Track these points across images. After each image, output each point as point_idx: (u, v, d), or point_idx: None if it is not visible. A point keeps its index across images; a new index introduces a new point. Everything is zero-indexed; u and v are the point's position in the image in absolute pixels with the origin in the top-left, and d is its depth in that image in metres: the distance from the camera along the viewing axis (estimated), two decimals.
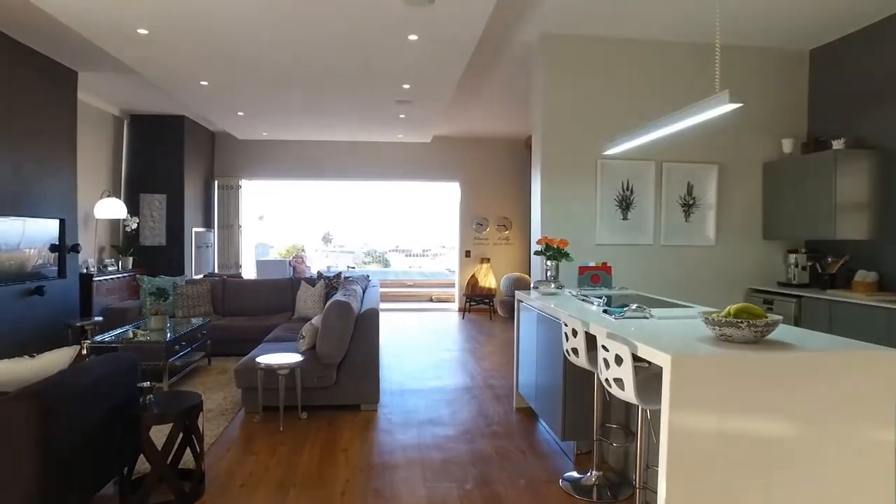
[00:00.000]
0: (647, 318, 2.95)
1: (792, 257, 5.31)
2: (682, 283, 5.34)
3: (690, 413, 2.03)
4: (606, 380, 2.51)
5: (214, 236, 9.93)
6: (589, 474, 3.17)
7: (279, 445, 3.70)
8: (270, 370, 4.06)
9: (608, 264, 4.58)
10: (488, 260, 10.22)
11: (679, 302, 3.68)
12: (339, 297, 4.70)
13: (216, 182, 9.88)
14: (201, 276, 8.58)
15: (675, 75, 5.28)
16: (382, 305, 11.39)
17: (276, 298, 7.11)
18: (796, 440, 2.09)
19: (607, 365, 2.49)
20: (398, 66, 5.47)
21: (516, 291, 4.46)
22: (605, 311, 3.09)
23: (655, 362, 2.15)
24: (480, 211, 10.46)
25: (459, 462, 3.48)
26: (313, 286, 6.82)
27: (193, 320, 5.79)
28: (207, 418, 4.10)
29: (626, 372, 2.34)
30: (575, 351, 2.98)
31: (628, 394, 2.35)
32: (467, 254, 10.45)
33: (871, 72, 4.93)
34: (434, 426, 4.14)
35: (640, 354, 2.26)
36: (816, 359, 2.12)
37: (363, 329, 4.48)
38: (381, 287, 13.62)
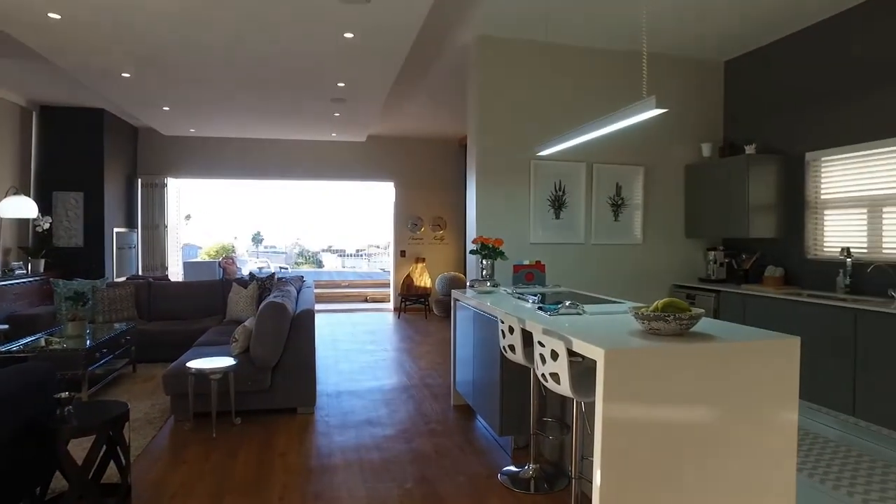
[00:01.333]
0: (580, 314, 3.05)
1: (711, 254, 5.64)
2: (611, 279, 5.56)
3: (623, 404, 2.12)
4: (543, 375, 2.58)
5: (138, 237, 9.45)
6: (526, 468, 3.25)
7: (212, 452, 3.58)
8: (202, 375, 3.91)
9: (542, 262, 4.70)
10: (423, 260, 10.25)
11: (610, 298, 3.83)
12: (273, 298, 4.59)
13: (140, 180, 9.40)
14: (124, 278, 8.13)
15: (604, 81, 5.49)
16: (317, 307, 11.22)
17: (207, 301, 6.85)
18: (718, 424, 2.24)
19: (543, 360, 2.56)
20: (333, 64, 5.40)
21: (453, 290, 4.51)
22: (539, 309, 3.18)
23: (590, 356, 2.23)
24: (415, 211, 10.47)
25: (398, 461, 3.48)
26: (245, 288, 6.62)
27: (116, 325, 5.49)
28: (133, 428, 3.90)
29: (562, 367, 2.41)
30: (512, 348, 3.04)
31: (564, 388, 2.43)
32: (402, 253, 10.44)
33: (777, 83, 5.31)
34: (372, 426, 4.12)
35: (575, 349, 2.35)
36: (733, 348, 2.27)
37: (298, 330, 4.40)
38: (315, 288, 13.41)
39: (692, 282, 5.69)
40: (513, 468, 3.34)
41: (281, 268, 16.48)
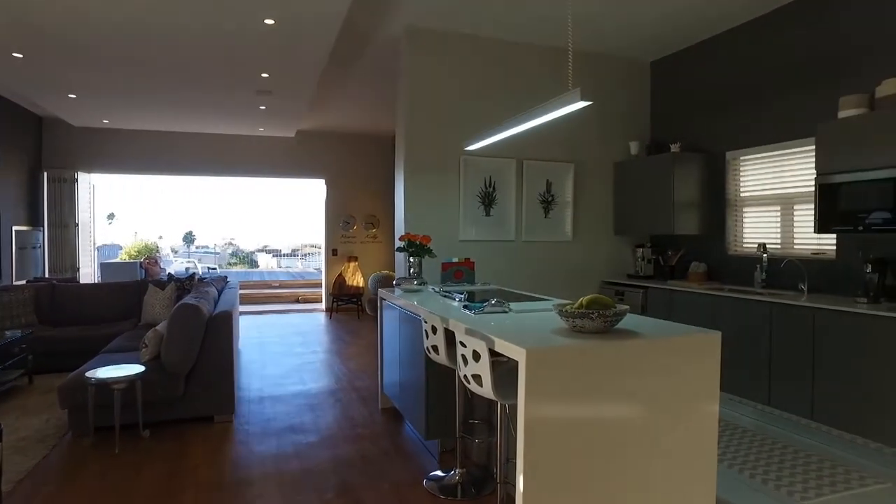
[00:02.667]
0: (506, 312, 2.97)
1: (639, 251, 5.73)
2: (542, 277, 5.56)
3: (546, 405, 2.04)
4: (465, 376, 2.47)
5: (44, 236, 8.74)
6: (453, 473, 3.14)
7: (112, 470, 3.28)
8: (104, 385, 3.58)
9: (471, 260, 4.62)
10: (356, 258, 10.02)
11: (538, 295, 3.78)
12: (188, 300, 4.29)
13: (45, 174, 8.69)
14: (24, 281, 7.48)
15: (535, 76, 5.47)
16: (246, 308, 10.80)
17: (120, 304, 6.39)
18: (642, 420, 2.20)
19: (466, 361, 2.46)
20: (254, 53, 5.12)
21: (379, 289, 4.35)
22: (465, 307, 3.08)
23: (512, 357, 2.14)
24: (347, 209, 10.22)
25: (320, 470, 3.30)
26: (162, 289, 6.22)
27: (8, 333, 5.00)
28: (20, 448, 3.53)
29: (484, 368, 2.31)
30: (435, 348, 2.93)
31: (486, 390, 2.33)
32: (334, 252, 10.17)
33: (700, 83, 5.45)
34: (295, 434, 3.91)
35: (497, 349, 2.25)
36: (656, 345, 2.24)
37: (215, 334, 4.13)
38: (246, 289, 12.92)
39: (621, 278, 5.76)
40: (439, 473, 3.22)
41: (209, 268, 15.77)
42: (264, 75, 5.82)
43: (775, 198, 4.76)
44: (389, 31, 5.13)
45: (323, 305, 10.57)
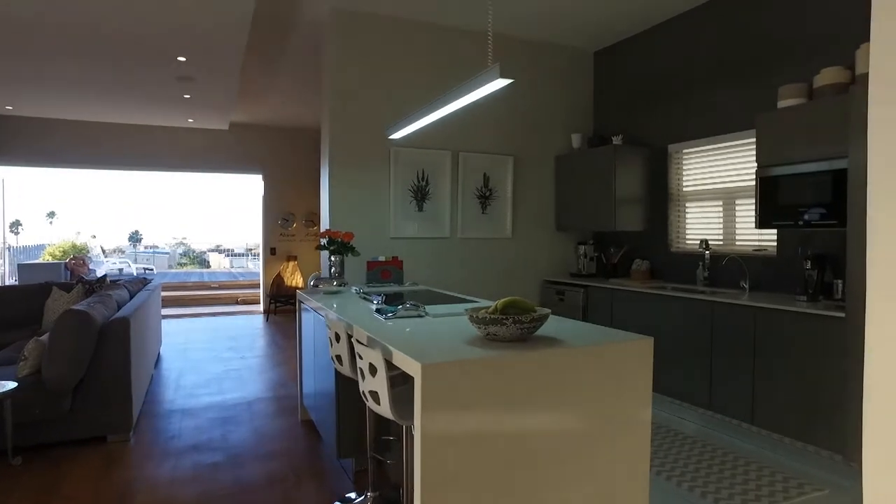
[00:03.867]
0: (421, 316, 2.66)
1: (581, 248, 5.51)
2: (479, 276, 5.27)
3: (447, 426, 1.74)
4: (363, 392, 2.14)
5: None
6: (364, 497, 2.81)
7: None
8: None
9: (399, 258, 4.29)
10: (295, 258, 9.55)
11: (468, 297, 3.48)
12: (78, 305, 3.81)
13: None
14: None
15: (466, 63, 5.17)
16: (180, 311, 10.17)
17: (20, 310, 5.78)
18: (565, 435, 1.92)
19: (363, 375, 2.13)
20: (167, 33, 4.65)
21: (298, 291, 3.98)
22: (377, 311, 2.75)
23: (408, 371, 1.82)
24: (286, 206, 9.74)
25: (218, 497, 2.91)
26: (68, 292, 5.66)
27: None
28: None
29: (381, 383, 1.99)
30: (339, 358, 2.58)
31: (384, 408, 2.01)
32: (272, 251, 9.68)
33: (642, 74, 5.26)
34: (199, 453, 3.50)
35: (395, 362, 1.93)
36: (581, 353, 1.97)
37: (109, 343, 3.67)
38: (183, 290, 12.24)
39: (563, 277, 5.53)
40: (353, 495, 2.88)
41: (146, 269, 14.94)
42: (181, 59, 5.34)
43: (717, 192, 4.60)
44: (314, 14, 4.75)
45: (261, 307, 10.06)
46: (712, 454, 3.45)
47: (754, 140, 4.00)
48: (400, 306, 2.71)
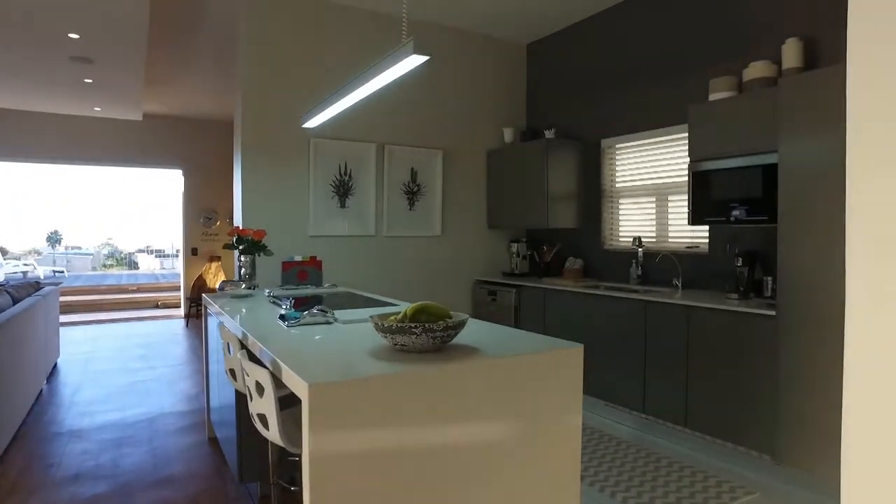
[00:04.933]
0: (329, 323, 2.36)
1: (514, 246, 5.33)
2: (407, 277, 4.99)
3: (342, 452, 1.46)
4: (252, 415, 1.83)
5: None
6: None
7: None
8: None
9: (318, 258, 3.96)
10: (218, 258, 8.99)
11: (389, 300, 3.21)
12: None
13: None
14: None
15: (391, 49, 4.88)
16: (92, 317, 9.38)
17: None
18: (484, 452, 1.68)
19: (251, 395, 1.81)
20: (53, 4, 4.13)
21: (203, 295, 3.59)
22: (280, 317, 2.43)
23: (296, 392, 1.53)
24: (209, 203, 9.16)
25: None
26: None
27: None
28: None
29: (269, 405, 1.68)
30: (233, 373, 2.25)
31: (273, 434, 1.70)
32: (194, 251, 9.08)
33: (575, 67, 5.13)
34: (79, 484, 3.06)
35: (283, 379, 1.63)
36: (502, 364, 1.73)
37: None
38: (96, 295, 11.35)
39: (496, 276, 5.33)
40: None
41: (55, 272, 13.81)
42: (73, 36, 4.79)
43: (651, 188, 4.51)
44: None
45: (182, 311, 9.43)
46: (646, 460, 3.31)
47: (687, 135, 3.91)
48: (306, 312, 2.40)
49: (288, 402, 2.07)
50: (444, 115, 5.16)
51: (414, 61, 2.24)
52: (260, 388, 1.72)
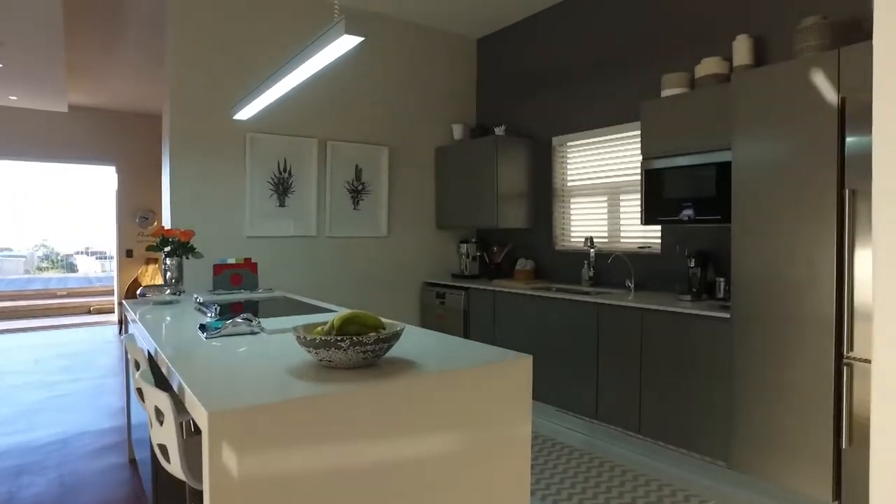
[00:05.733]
0: (254, 333, 2.12)
1: (464, 247, 5.15)
2: (351, 280, 4.74)
3: (253, 486, 1.22)
4: (153, 445, 1.57)
5: None
6: None
7: None
8: None
9: (253, 261, 3.68)
10: (155, 261, 8.48)
11: (328, 306, 2.97)
12: None
13: None
14: None
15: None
16: (10, 325, 8.70)
17: None
18: (426, 466, 1.48)
19: (150, 422, 1.56)
20: None
21: (124, 301, 3.26)
22: (201, 328, 2.17)
23: (196, 419, 1.29)
24: (145, 202, 8.63)
25: None
26: None
27: None
28: None
29: (169, 434, 1.43)
30: (141, 393, 1.97)
31: (174, 468, 1.45)
32: (129, 253, 8.53)
33: (526, 62, 5.00)
34: None
35: (185, 404, 1.39)
36: (442, 380, 1.54)
37: None
38: (20, 301, 10.56)
39: (444, 278, 5.14)
40: None
41: None
42: None
43: (603, 187, 4.41)
44: None
45: (116, 317, 8.86)
46: (599, 469, 3.18)
47: (640, 132, 3.82)
48: (229, 321, 2.14)
49: (185, 432, 1.82)
50: (390, 110, 4.94)
51: (346, 43, 2.01)
52: (159, 414, 1.46)
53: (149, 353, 2.12)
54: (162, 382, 1.73)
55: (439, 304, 4.89)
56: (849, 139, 2.43)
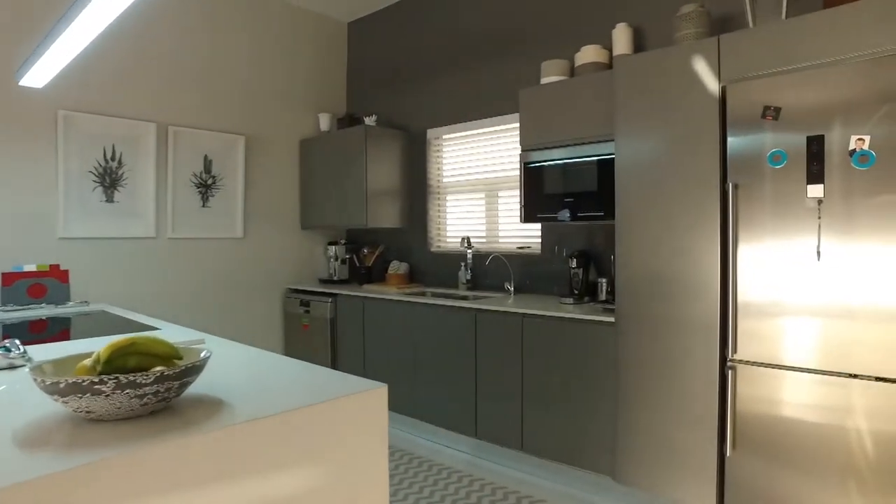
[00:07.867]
0: (13, 367, 1.53)
1: (332, 249, 4.66)
2: (200, 288, 4.08)
3: None
4: None
5: None
6: None
7: None
8: None
9: (63, 268, 2.96)
10: None
11: (157, 323, 2.39)
12: None
13: None
14: None
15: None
16: None
17: None
18: None
19: None
20: None
21: None
22: None
23: None
24: None
25: None
26: None
27: None
28: None
29: None
30: None
31: None
32: None
33: (399, 49, 4.63)
34: None
35: None
36: (259, 429, 1.09)
37: None
38: None
39: (311, 284, 4.62)
40: None
41: None
42: None
43: (480, 183, 4.14)
44: None
45: None
46: (480, 493, 2.87)
47: (518, 123, 3.58)
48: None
49: None
50: (249, 95, 4.34)
51: None
52: None
53: None
54: None
55: (304, 312, 4.37)
56: (730, 130, 2.30)
